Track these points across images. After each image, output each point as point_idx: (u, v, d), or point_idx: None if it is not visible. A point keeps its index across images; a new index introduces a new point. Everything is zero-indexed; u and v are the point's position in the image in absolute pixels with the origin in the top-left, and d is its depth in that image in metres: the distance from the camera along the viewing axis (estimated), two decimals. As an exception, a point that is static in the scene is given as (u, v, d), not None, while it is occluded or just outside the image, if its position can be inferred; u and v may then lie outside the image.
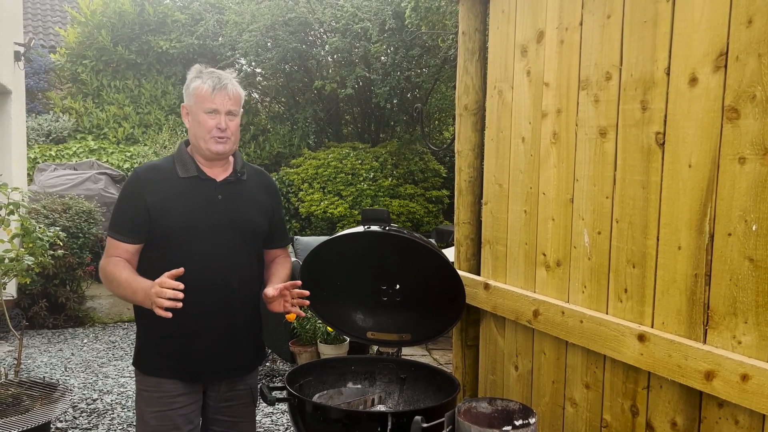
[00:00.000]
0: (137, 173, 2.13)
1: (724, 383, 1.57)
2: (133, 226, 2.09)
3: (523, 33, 2.28)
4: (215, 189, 2.14)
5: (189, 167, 2.14)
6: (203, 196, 2.12)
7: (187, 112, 2.15)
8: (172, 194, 2.09)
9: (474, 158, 2.63)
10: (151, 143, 9.65)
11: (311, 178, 8.45)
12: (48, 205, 6.50)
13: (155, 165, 2.17)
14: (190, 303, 2.07)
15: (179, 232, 2.07)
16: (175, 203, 2.08)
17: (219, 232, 2.11)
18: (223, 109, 2.08)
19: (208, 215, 2.11)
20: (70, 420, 4.14)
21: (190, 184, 2.12)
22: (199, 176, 2.13)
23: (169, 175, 2.13)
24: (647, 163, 1.81)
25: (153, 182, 2.10)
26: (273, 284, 2.19)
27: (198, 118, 2.09)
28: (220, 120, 2.08)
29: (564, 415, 2.16)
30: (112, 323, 6.76)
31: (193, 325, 2.08)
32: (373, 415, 2.08)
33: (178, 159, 2.16)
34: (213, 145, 2.09)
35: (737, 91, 1.56)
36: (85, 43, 10.25)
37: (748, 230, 1.55)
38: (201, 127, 2.09)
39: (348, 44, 8.28)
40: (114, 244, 2.10)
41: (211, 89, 2.07)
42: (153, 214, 2.07)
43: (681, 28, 1.70)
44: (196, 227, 2.09)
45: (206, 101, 2.08)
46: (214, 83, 2.08)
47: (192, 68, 2.18)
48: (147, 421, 2.13)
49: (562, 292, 2.13)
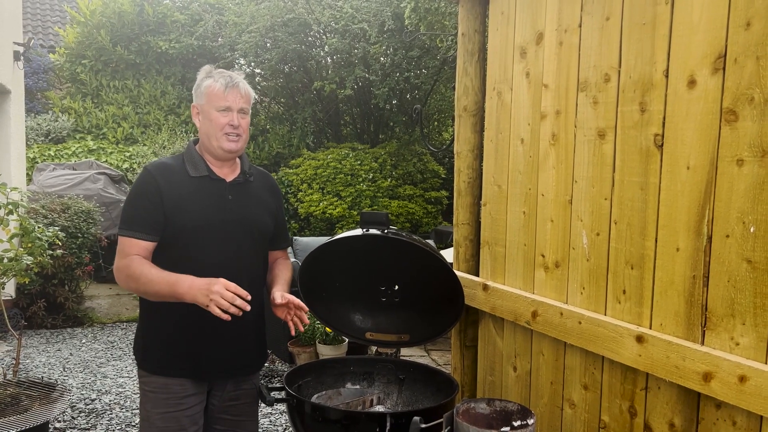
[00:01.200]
0: (149, 171, 2.12)
1: (721, 384, 1.58)
2: (151, 222, 2.06)
3: (523, 34, 2.29)
4: (225, 189, 2.15)
5: (199, 167, 2.14)
6: (214, 195, 2.13)
7: (198, 112, 2.16)
8: (184, 194, 2.09)
9: (473, 159, 2.64)
10: (150, 143, 9.65)
11: (310, 178, 8.45)
12: (47, 205, 6.50)
13: (165, 163, 2.16)
14: None
15: (192, 231, 2.07)
16: (187, 202, 2.08)
17: (230, 232, 2.12)
18: (235, 106, 2.10)
19: (219, 214, 2.11)
20: (69, 420, 4.14)
21: (200, 184, 2.13)
22: (209, 176, 2.14)
23: (179, 174, 2.13)
24: (646, 164, 1.81)
25: (166, 180, 2.10)
26: (279, 286, 2.22)
27: (210, 116, 2.10)
28: (233, 117, 2.09)
29: (562, 416, 2.16)
30: (110, 323, 6.75)
31: (203, 323, 2.08)
32: (372, 415, 2.08)
33: (188, 158, 2.16)
34: (225, 142, 2.10)
35: (735, 93, 1.57)
36: (85, 43, 10.25)
37: (746, 232, 1.55)
38: (213, 124, 2.10)
39: (347, 45, 8.28)
40: (129, 242, 2.06)
41: (223, 87, 2.09)
42: (167, 213, 2.06)
43: (680, 30, 1.70)
44: (208, 226, 2.09)
45: (219, 99, 2.09)
46: (226, 81, 2.10)
47: (202, 69, 2.18)
48: (153, 422, 2.13)
49: (560, 293, 2.14)
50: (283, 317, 2.17)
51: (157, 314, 2.15)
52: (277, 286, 2.24)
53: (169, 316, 2.11)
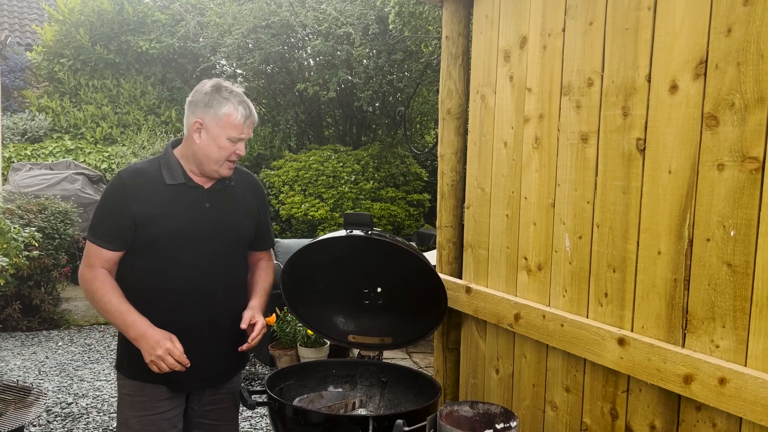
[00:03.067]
0: (122, 178, 2.06)
1: (702, 387, 1.59)
2: (116, 233, 2.02)
3: (506, 38, 2.30)
4: (203, 196, 2.10)
5: (176, 174, 2.07)
6: (190, 204, 2.08)
7: (202, 128, 2.03)
8: (158, 202, 2.04)
9: (456, 162, 2.64)
10: (129, 143, 9.52)
11: (292, 180, 8.40)
12: (23, 206, 6.37)
13: (140, 169, 2.09)
14: (174, 311, 2.05)
15: (165, 241, 2.03)
16: (161, 212, 2.03)
17: (205, 241, 2.08)
18: (246, 137, 2.08)
19: (194, 224, 2.07)
20: (44, 424, 4.06)
21: (176, 192, 2.07)
22: (186, 183, 2.08)
23: (154, 181, 2.06)
24: (628, 168, 1.83)
25: (138, 189, 2.03)
26: (254, 300, 2.20)
27: (219, 142, 2.03)
28: (241, 147, 2.07)
29: (544, 418, 2.17)
30: (87, 326, 6.64)
31: (177, 333, 2.04)
32: (355, 418, 2.07)
33: (165, 164, 2.09)
34: (225, 170, 2.08)
35: (716, 98, 1.59)
36: (63, 42, 10.09)
37: (726, 236, 1.57)
38: (220, 152, 2.04)
39: (330, 47, 8.26)
40: (94, 250, 2.03)
41: (243, 119, 2.04)
42: (138, 223, 2.01)
43: (662, 35, 1.72)
44: (182, 236, 2.05)
45: (236, 130, 2.03)
46: (246, 113, 2.05)
47: (211, 83, 2.07)
48: (130, 425, 2.10)
49: (543, 295, 2.15)
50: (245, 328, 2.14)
51: None
52: (253, 298, 2.21)
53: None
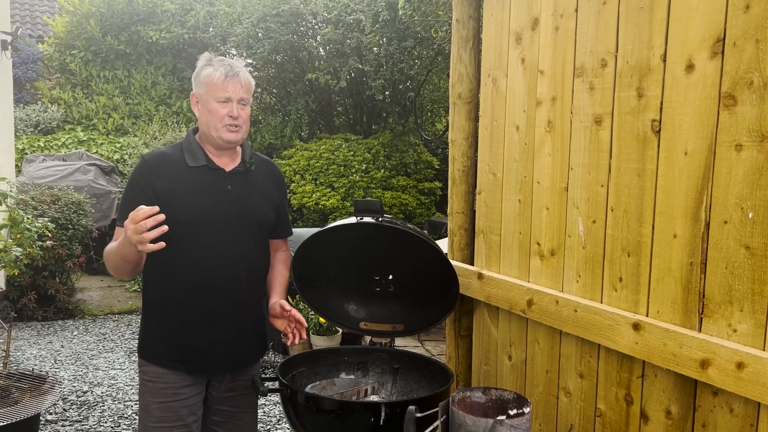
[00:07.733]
0: (145, 160, 2.10)
1: (719, 371, 1.56)
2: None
3: (518, 20, 2.26)
4: (224, 179, 2.11)
5: (198, 156, 2.10)
6: (212, 186, 2.09)
7: (197, 101, 2.11)
8: (181, 183, 2.06)
9: (468, 147, 2.61)
10: (141, 134, 9.56)
11: (303, 169, 8.40)
12: (36, 197, 6.43)
13: (163, 152, 2.13)
14: (198, 295, 2.07)
15: (187, 223, 2.03)
16: (183, 193, 2.05)
17: (228, 224, 2.09)
18: (235, 96, 2.05)
19: (217, 206, 2.08)
20: (60, 412, 4.11)
21: (198, 174, 2.09)
22: (208, 165, 2.10)
23: (177, 163, 2.09)
24: (643, 150, 1.79)
25: (161, 169, 2.07)
26: (277, 294, 2.22)
27: (209, 106, 2.05)
28: (233, 108, 2.05)
29: (558, 404, 2.15)
30: (102, 315, 6.71)
31: (201, 317, 2.06)
32: (367, 405, 2.06)
33: (187, 148, 2.12)
34: (225, 133, 2.06)
35: (734, 77, 1.55)
36: (74, 33, 10.13)
37: (744, 218, 1.54)
38: (213, 115, 2.05)
39: (341, 35, 8.21)
40: (119, 230, 2.03)
41: (223, 77, 2.03)
42: (162, 202, 1.99)
43: (678, 13, 1.68)
44: (205, 218, 2.06)
45: (218, 89, 2.04)
46: (226, 71, 2.04)
47: (201, 56, 2.13)
48: (151, 411, 2.11)
49: (556, 281, 2.12)
50: (282, 328, 2.18)
51: (155, 305, 2.13)
52: (276, 293, 2.23)
53: (168, 308, 2.10)
